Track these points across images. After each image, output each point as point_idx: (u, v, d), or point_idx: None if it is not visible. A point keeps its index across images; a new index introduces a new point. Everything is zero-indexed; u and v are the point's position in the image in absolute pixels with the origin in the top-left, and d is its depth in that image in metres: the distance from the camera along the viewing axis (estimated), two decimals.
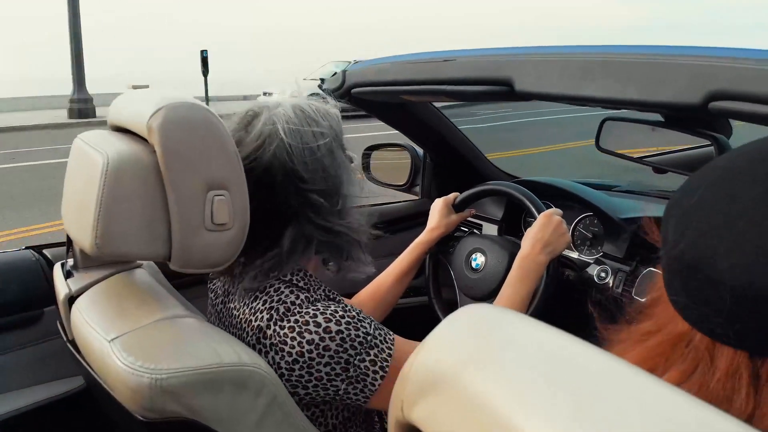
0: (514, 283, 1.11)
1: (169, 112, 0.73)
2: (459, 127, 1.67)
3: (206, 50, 13.11)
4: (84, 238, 0.74)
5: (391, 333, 0.86)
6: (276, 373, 0.79)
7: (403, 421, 0.34)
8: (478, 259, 1.33)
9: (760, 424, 0.38)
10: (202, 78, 13.15)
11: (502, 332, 0.33)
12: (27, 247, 1.17)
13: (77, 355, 0.84)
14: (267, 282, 0.85)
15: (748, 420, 0.38)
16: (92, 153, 0.75)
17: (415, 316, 1.42)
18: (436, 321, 0.38)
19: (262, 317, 0.82)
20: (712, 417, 0.25)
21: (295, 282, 0.86)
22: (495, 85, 0.97)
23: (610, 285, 1.31)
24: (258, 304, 0.84)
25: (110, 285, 0.88)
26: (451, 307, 1.41)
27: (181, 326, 0.79)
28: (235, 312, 0.88)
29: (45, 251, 1.16)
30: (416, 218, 1.73)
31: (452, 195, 1.37)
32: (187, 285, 1.17)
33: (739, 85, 0.72)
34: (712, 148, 0.91)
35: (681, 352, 0.41)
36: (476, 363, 0.31)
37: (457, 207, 1.37)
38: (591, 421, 0.26)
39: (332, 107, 0.93)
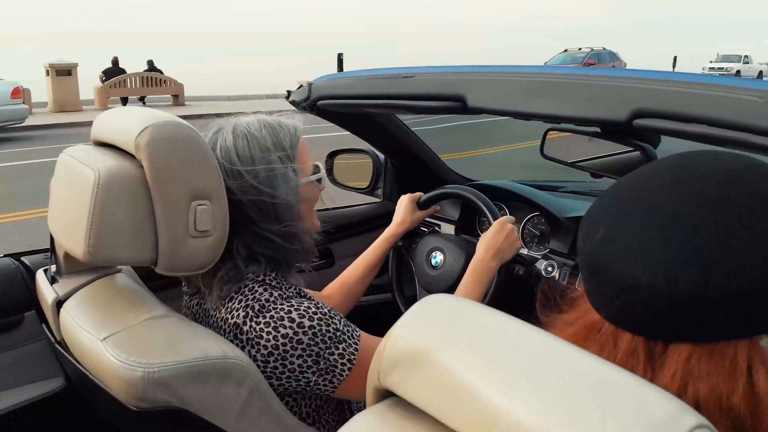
0: (469, 285, 1.23)
1: (156, 131, 0.80)
2: (413, 129, 1.77)
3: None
4: (76, 246, 0.81)
5: (357, 330, 0.95)
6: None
7: (380, 387, 0.43)
8: (438, 257, 1.44)
9: None
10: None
11: (462, 316, 0.42)
12: (5, 255, 1.21)
13: (66, 355, 0.90)
14: (237, 286, 0.93)
15: None
16: (82, 168, 0.82)
17: (378, 313, 1.51)
18: (397, 316, 0.47)
19: (239, 315, 0.90)
20: (616, 372, 0.35)
21: (268, 281, 0.94)
22: (450, 101, 1.07)
23: (557, 278, 1.44)
24: (234, 303, 0.92)
25: (95, 289, 0.95)
26: (412, 301, 1.51)
27: (168, 324, 0.86)
28: (211, 312, 0.95)
29: (23, 258, 1.20)
30: (379, 220, 1.83)
31: (417, 194, 1.47)
32: (161, 288, 1.23)
33: (658, 104, 0.83)
34: (638, 154, 1.03)
35: (594, 337, 0.51)
36: (441, 339, 0.40)
37: (421, 205, 1.47)
38: (533, 380, 0.35)
39: (295, 120, 1.01)
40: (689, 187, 0.47)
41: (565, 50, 22.62)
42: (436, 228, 1.67)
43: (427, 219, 1.59)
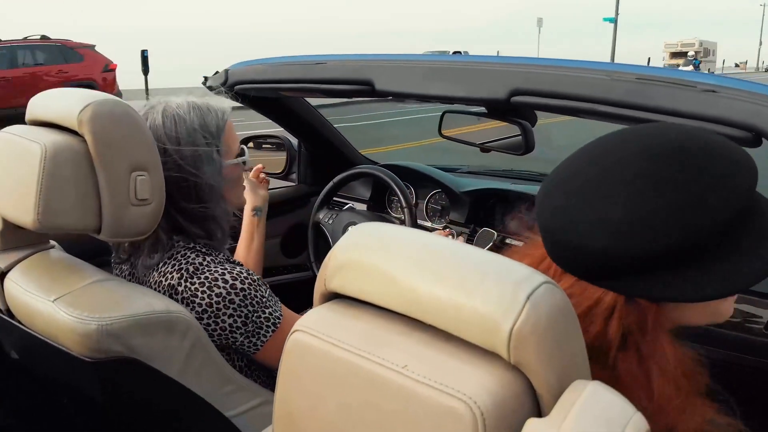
0: None
1: (97, 107, 0.88)
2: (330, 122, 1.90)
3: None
4: (25, 215, 0.87)
5: (279, 301, 1.07)
6: None
7: (326, 292, 0.56)
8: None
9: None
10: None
11: (386, 233, 0.56)
12: None
13: (13, 322, 0.95)
14: (169, 253, 1.02)
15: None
16: (27, 143, 0.88)
17: (296, 291, 1.63)
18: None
19: (173, 276, 0.99)
20: (493, 255, 0.50)
21: (198, 249, 1.04)
22: (360, 84, 1.22)
23: None
24: (167, 267, 1.01)
25: (36, 261, 1.00)
26: None
27: (113, 285, 0.94)
28: (145, 279, 1.03)
29: None
30: (296, 202, 1.94)
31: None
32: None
33: (531, 84, 1.02)
34: (519, 134, 1.22)
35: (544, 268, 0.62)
36: (372, 248, 0.54)
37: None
38: (438, 266, 0.49)
39: (224, 104, 1.11)
40: (613, 165, 0.55)
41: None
42: (352, 206, 1.81)
43: (342, 198, 1.74)
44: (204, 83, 1.51)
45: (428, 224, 1.75)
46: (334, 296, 0.56)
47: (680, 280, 0.52)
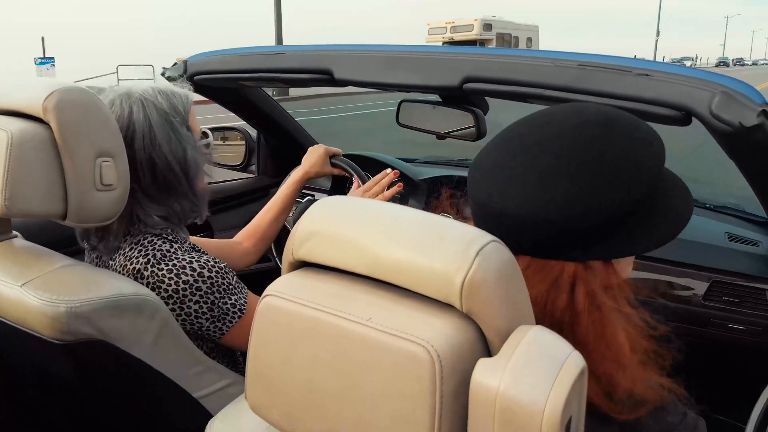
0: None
1: (62, 94, 0.89)
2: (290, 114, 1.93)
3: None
4: None
5: (246, 288, 1.10)
6: None
7: (293, 261, 0.61)
8: None
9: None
10: None
11: (347, 204, 0.60)
12: None
13: None
14: (136, 238, 1.04)
15: None
16: None
17: (258, 281, 1.65)
18: None
19: (139, 261, 1.01)
20: (450, 221, 0.56)
21: (165, 236, 1.06)
22: (319, 73, 1.26)
23: None
24: (134, 252, 1.03)
25: (1, 249, 1.01)
26: None
27: (82, 269, 0.96)
28: (110, 263, 1.05)
29: None
30: (256, 193, 1.97)
31: (335, 149, 1.56)
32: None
33: (481, 72, 1.08)
34: (472, 122, 1.28)
35: None
36: (336, 217, 0.58)
37: (332, 162, 1.57)
38: (398, 231, 0.54)
39: (185, 90, 1.14)
40: (544, 144, 0.61)
41: None
42: (312, 197, 1.85)
43: (302, 188, 1.77)
44: (163, 74, 1.52)
45: None
46: (301, 264, 0.61)
47: (615, 241, 0.60)
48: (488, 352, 0.50)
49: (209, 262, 1.03)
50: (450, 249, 0.51)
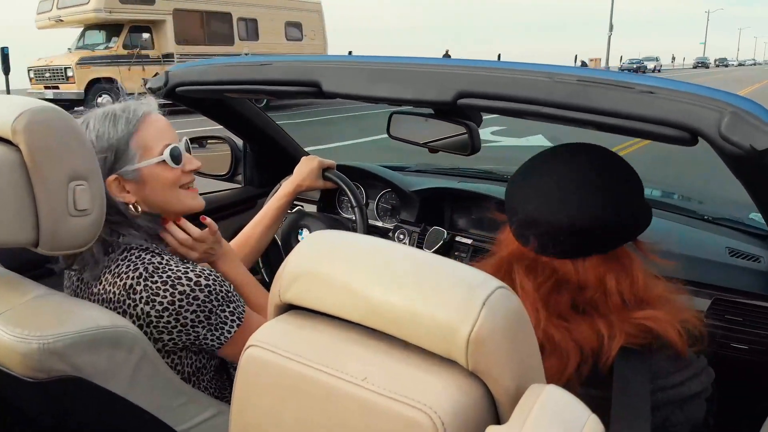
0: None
1: (33, 115, 0.83)
2: (276, 123, 1.87)
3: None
4: None
5: (242, 298, 1.06)
6: (145, 321, 0.95)
7: (280, 303, 0.56)
8: (304, 233, 1.57)
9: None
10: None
11: (341, 240, 0.56)
12: None
13: None
14: (122, 255, 0.99)
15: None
16: None
17: None
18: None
19: (130, 276, 0.97)
20: (445, 261, 0.51)
21: (152, 250, 1.02)
22: (307, 86, 1.20)
23: (407, 244, 1.64)
24: (122, 268, 0.98)
25: None
26: None
27: (55, 300, 0.90)
28: (93, 282, 1.00)
29: None
30: (242, 204, 1.91)
31: (329, 161, 1.52)
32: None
33: (476, 86, 1.03)
34: (464, 130, 1.23)
35: (519, 262, 0.82)
36: (327, 257, 0.54)
37: (325, 176, 1.53)
38: (393, 274, 0.50)
39: (139, 103, 1.07)
40: (574, 164, 0.82)
41: None
42: (301, 207, 1.80)
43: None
44: (144, 85, 1.46)
45: (379, 224, 1.76)
46: (289, 308, 0.56)
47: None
48: (497, 416, 0.46)
49: (205, 271, 1.00)
50: (452, 297, 0.46)
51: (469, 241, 1.55)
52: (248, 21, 14.76)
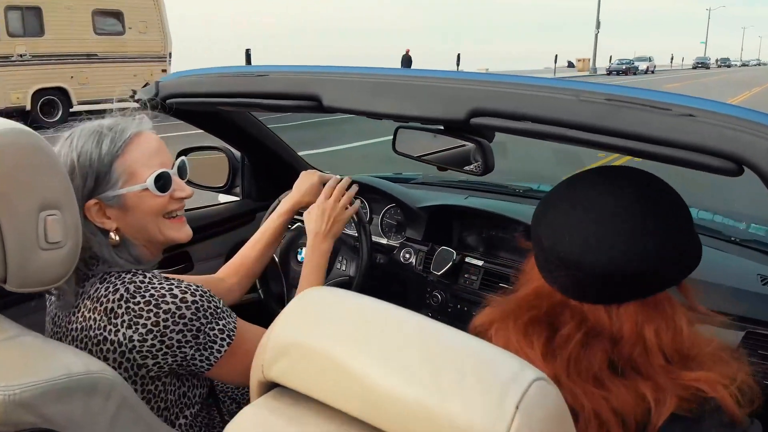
0: (309, 276, 1.26)
1: None
2: (269, 126, 1.78)
3: None
4: None
5: (234, 313, 0.97)
6: (127, 347, 0.87)
7: (264, 381, 0.47)
8: (303, 253, 1.48)
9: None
10: None
11: (339, 306, 0.47)
12: None
13: None
14: (98, 278, 0.92)
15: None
16: None
17: (243, 313, 1.52)
18: (264, 313, 0.51)
19: (110, 299, 0.89)
20: (469, 340, 0.42)
21: (134, 271, 0.93)
22: (306, 100, 1.11)
23: (413, 264, 1.55)
24: (101, 291, 0.90)
25: None
26: (279, 298, 1.54)
27: (23, 344, 0.81)
28: (71, 311, 0.92)
29: None
30: (240, 218, 1.82)
31: (329, 176, 1.43)
32: (7, 306, 1.13)
33: (492, 104, 0.94)
34: (478, 154, 1.14)
35: (542, 302, 0.72)
36: (322, 330, 0.44)
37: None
38: (406, 357, 0.41)
39: (126, 123, 0.98)
40: (615, 195, 0.70)
41: None
42: (300, 224, 1.70)
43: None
44: (132, 97, 1.37)
45: (384, 241, 1.66)
46: (273, 386, 0.47)
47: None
48: None
49: (191, 287, 0.92)
50: (477, 394, 0.37)
51: (480, 263, 1.46)
52: (25, 9, 9.92)
